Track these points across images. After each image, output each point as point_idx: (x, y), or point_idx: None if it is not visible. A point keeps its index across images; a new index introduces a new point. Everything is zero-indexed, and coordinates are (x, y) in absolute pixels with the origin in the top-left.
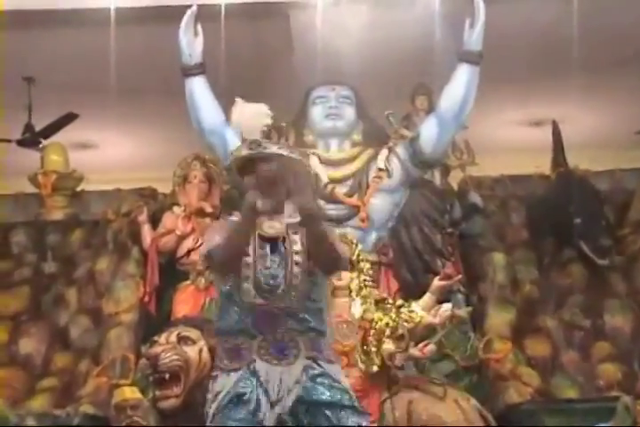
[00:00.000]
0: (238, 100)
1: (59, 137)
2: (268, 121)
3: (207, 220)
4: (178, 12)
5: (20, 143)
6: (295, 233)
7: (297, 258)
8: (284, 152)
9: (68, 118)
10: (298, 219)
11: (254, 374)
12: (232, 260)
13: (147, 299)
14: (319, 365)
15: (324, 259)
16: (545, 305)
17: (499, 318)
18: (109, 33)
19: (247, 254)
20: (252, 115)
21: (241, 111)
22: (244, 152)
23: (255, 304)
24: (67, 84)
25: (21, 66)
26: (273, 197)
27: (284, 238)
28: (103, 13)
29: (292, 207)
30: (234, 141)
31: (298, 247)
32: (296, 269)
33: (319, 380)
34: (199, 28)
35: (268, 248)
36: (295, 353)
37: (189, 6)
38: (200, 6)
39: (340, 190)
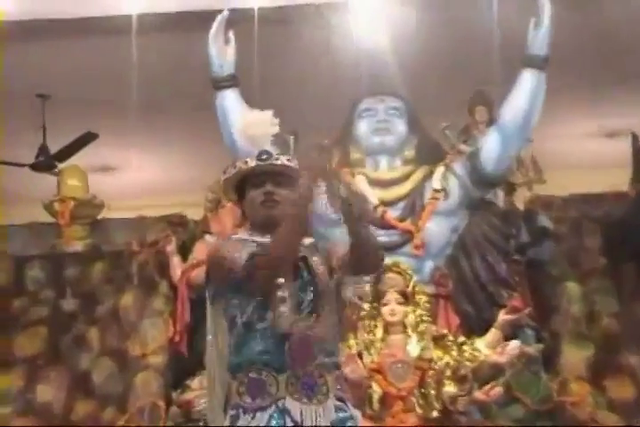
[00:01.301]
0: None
1: (76, 160)
2: (275, 130)
3: None
4: (207, 18)
5: (34, 167)
6: (314, 254)
7: (323, 278)
8: (294, 165)
9: (87, 139)
10: (311, 240)
11: (285, 413)
12: (277, 272)
13: (177, 339)
14: (348, 407)
15: (362, 255)
16: (627, 340)
17: (574, 356)
18: (131, 43)
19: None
20: (258, 123)
21: (245, 119)
22: (253, 163)
23: (290, 333)
24: (84, 101)
25: (35, 81)
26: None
27: (303, 260)
28: (124, 21)
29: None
30: None
31: (321, 268)
32: (324, 293)
33: (349, 424)
34: (231, 35)
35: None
36: (324, 391)
37: (219, 11)
38: (231, 11)
39: (392, 214)
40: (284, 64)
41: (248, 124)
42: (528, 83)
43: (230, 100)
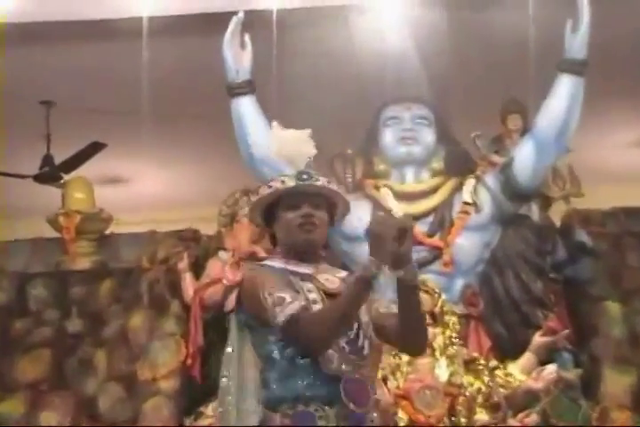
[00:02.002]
0: (274, 124)
1: (83, 171)
2: (313, 150)
3: None
4: (222, 21)
5: (38, 179)
6: None
7: (364, 319)
8: (335, 187)
9: (94, 149)
10: (343, 274)
11: None
12: (333, 340)
13: (189, 362)
14: None
15: (414, 337)
16: None
17: (616, 382)
18: (141, 47)
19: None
20: (295, 142)
21: (281, 138)
22: (292, 183)
23: (341, 374)
24: (92, 109)
25: (39, 87)
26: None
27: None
28: (134, 23)
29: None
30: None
31: (365, 319)
32: (368, 332)
33: None
34: (247, 38)
35: None
36: (370, 425)
37: (235, 13)
38: (247, 13)
39: (419, 229)
40: (303, 69)
41: (284, 143)
42: (565, 88)
43: (247, 108)
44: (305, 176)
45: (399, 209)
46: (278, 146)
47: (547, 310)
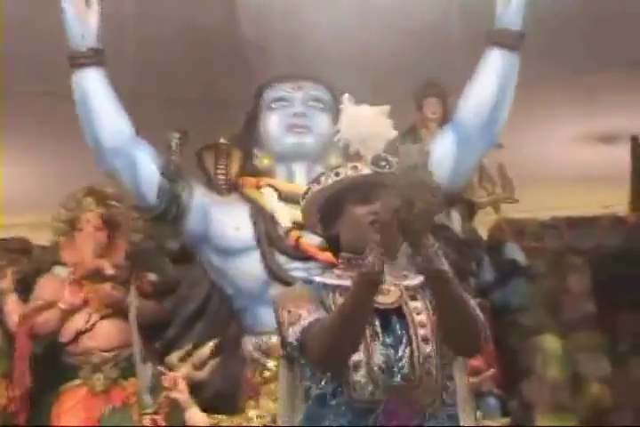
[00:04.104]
0: (345, 98)
1: None
2: (392, 132)
3: (107, 287)
4: None
5: None
6: (414, 298)
7: (423, 332)
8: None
9: None
10: (420, 279)
11: None
12: (341, 353)
13: (14, 408)
14: None
15: (461, 336)
16: (621, 414)
17: None
18: None
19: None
20: (370, 121)
21: (352, 115)
22: (367, 170)
23: (375, 403)
24: None
25: None
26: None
27: (399, 307)
28: None
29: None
30: (148, 165)
31: (423, 318)
32: (426, 349)
33: None
34: None
35: (378, 323)
36: None
37: None
38: None
39: (310, 240)
40: (167, 35)
41: (356, 122)
42: (496, 66)
43: (94, 84)
44: (383, 162)
45: (286, 215)
46: (348, 125)
47: None
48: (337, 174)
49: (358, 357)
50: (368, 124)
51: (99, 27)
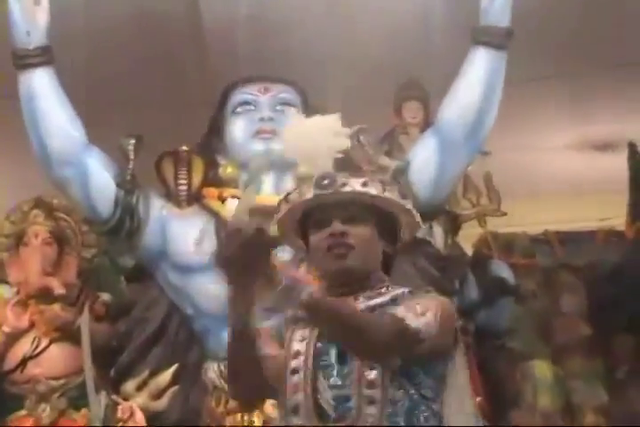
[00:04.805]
0: (292, 112)
1: None
2: (346, 143)
3: (56, 308)
4: None
5: None
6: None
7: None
8: (375, 191)
9: None
10: (386, 298)
11: None
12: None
13: None
14: None
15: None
16: None
17: None
18: None
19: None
20: (315, 133)
21: (298, 132)
22: (309, 194)
23: None
24: None
25: None
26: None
27: None
28: None
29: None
30: (101, 174)
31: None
32: (369, 391)
33: None
34: None
35: (333, 355)
36: None
37: None
38: None
39: (282, 258)
40: (127, 33)
41: (299, 136)
42: (482, 66)
43: (42, 85)
44: (326, 182)
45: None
46: (291, 143)
47: None
48: (287, 201)
49: (296, 397)
50: (314, 138)
51: (47, 23)
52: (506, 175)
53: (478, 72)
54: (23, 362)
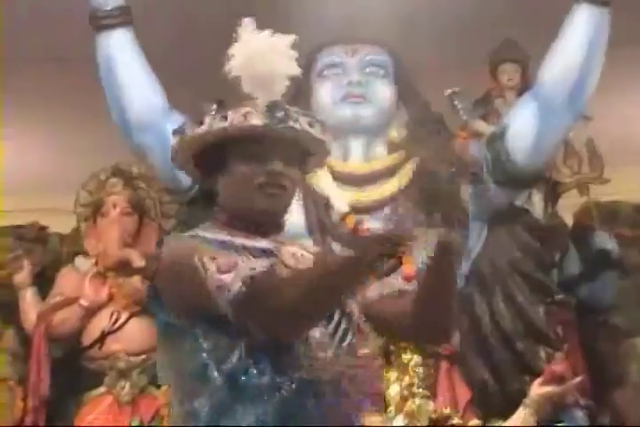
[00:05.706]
0: (245, 22)
1: None
2: (295, 69)
3: (135, 280)
4: None
5: None
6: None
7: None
8: (321, 134)
9: None
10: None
11: None
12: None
13: (30, 419)
14: None
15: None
16: None
17: None
18: None
19: None
20: (270, 53)
21: (249, 44)
22: (258, 121)
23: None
24: None
25: None
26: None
27: None
28: None
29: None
30: None
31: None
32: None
33: None
34: None
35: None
36: None
37: None
38: None
39: (370, 226)
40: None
41: (252, 53)
42: (584, 24)
43: (120, 47)
44: (280, 114)
45: (342, 198)
46: (242, 58)
47: (551, 347)
48: (224, 118)
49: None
50: (269, 61)
51: None
52: (608, 141)
53: (581, 30)
54: (102, 337)
